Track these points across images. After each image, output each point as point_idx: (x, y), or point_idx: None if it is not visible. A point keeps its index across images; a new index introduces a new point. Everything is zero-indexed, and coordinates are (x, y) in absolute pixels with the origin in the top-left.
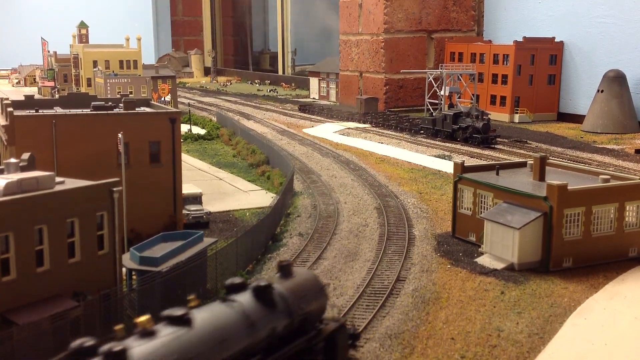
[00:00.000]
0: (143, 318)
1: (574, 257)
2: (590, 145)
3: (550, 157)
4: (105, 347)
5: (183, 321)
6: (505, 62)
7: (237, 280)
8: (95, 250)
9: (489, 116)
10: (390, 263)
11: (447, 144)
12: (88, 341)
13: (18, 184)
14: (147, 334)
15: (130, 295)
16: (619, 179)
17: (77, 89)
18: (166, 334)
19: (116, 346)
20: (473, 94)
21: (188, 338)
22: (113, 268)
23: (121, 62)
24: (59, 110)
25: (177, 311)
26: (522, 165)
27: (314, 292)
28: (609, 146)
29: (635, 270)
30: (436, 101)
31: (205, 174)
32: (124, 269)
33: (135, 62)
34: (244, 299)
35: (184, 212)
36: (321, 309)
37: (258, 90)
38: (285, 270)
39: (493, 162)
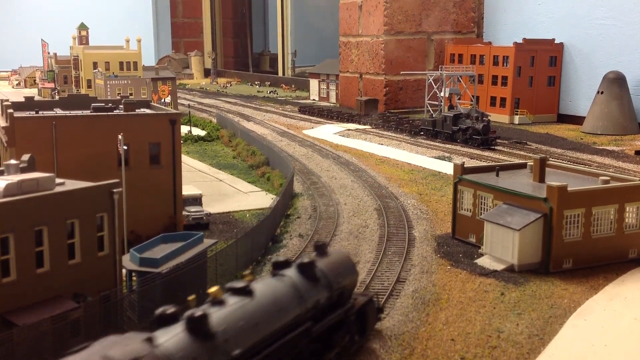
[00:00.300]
0: (214, 288)
1: (574, 259)
2: (590, 147)
3: (550, 159)
4: (187, 313)
5: (246, 292)
6: (505, 64)
7: (281, 258)
8: (95, 251)
9: (489, 118)
10: (390, 264)
11: (447, 146)
12: (170, 308)
13: (18, 185)
14: (218, 302)
15: (130, 296)
16: (619, 180)
17: (77, 90)
18: (233, 302)
19: (197, 312)
20: (473, 96)
21: (251, 306)
22: (113, 269)
23: (121, 63)
24: (59, 111)
25: (240, 283)
26: (522, 166)
27: (348, 269)
28: (608, 147)
29: (635, 271)
30: (436, 103)
31: (205, 175)
32: (124, 270)
33: (135, 63)
34: (291, 274)
35: (184, 213)
36: (353, 284)
37: (258, 91)
38: (321, 249)
39: (493, 163)
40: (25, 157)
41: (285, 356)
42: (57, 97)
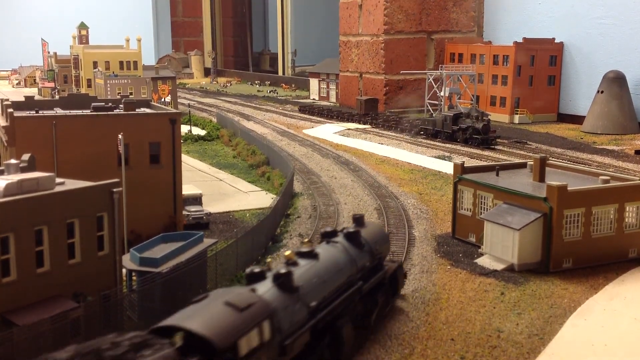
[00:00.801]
0: (289, 252)
1: (574, 258)
2: (590, 146)
3: (550, 158)
4: (273, 271)
5: (313, 255)
6: (505, 63)
7: (328, 228)
8: (95, 251)
9: (489, 117)
10: None
11: (447, 145)
12: (257, 268)
13: (18, 185)
14: (293, 263)
15: (131, 296)
16: (619, 179)
17: (77, 89)
18: (304, 264)
19: (282, 269)
20: (473, 95)
21: (318, 267)
22: (113, 269)
23: (121, 63)
24: (59, 111)
25: (306, 248)
26: (522, 166)
27: (383, 239)
28: (608, 147)
29: (635, 271)
30: (436, 102)
31: (205, 174)
32: (124, 270)
33: (135, 63)
34: (341, 240)
35: (184, 213)
36: (387, 252)
37: (258, 91)
38: (359, 221)
39: (493, 163)
40: (26, 156)
41: (344, 310)
42: (57, 97)
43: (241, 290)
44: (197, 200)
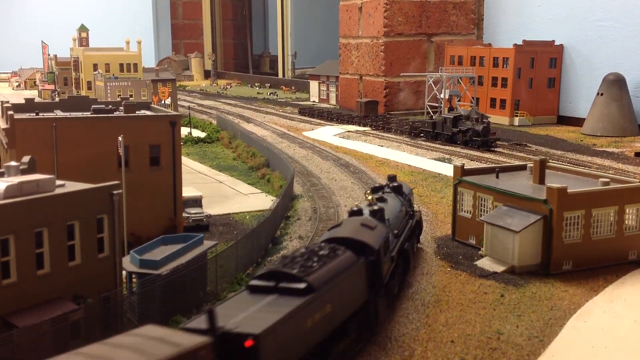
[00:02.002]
0: (371, 196)
1: (574, 260)
2: (590, 149)
3: (550, 160)
4: (368, 209)
5: (384, 200)
6: (505, 66)
7: (376, 185)
8: (96, 253)
9: (489, 119)
10: None
11: (447, 147)
12: (357, 206)
13: (18, 187)
14: (373, 205)
15: (131, 298)
16: (619, 182)
17: (78, 92)
18: (380, 206)
19: (375, 206)
20: (473, 97)
21: (389, 207)
22: (113, 271)
23: (121, 65)
24: (59, 113)
25: (378, 194)
26: (522, 168)
27: (411, 192)
28: (608, 149)
29: (635, 273)
30: (436, 104)
31: (205, 177)
32: (124, 272)
33: (135, 65)
34: (388, 191)
35: (184, 215)
36: (413, 203)
37: (258, 93)
38: (394, 178)
39: (493, 165)
40: (26, 158)
41: (406, 237)
42: (57, 99)
43: (364, 217)
44: (197, 202)
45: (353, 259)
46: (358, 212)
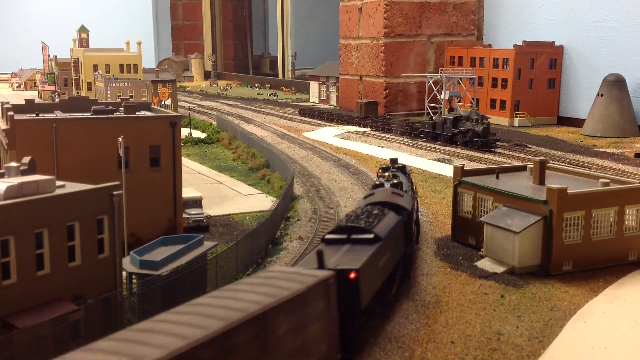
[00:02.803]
0: (387, 173)
1: (574, 261)
2: (590, 149)
3: (550, 161)
4: (387, 183)
5: (396, 177)
6: (505, 66)
7: (383, 166)
8: (96, 254)
9: (489, 120)
10: None
11: (447, 148)
12: (377, 181)
13: (19, 187)
14: (391, 180)
15: (131, 298)
16: (619, 182)
17: (78, 93)
18: (399, 179)
19: (395, 179)
20: (473, 98)
21: (403, 182)
22: (113, 272)
23: (121, 66)
24: (59, 114)
25: (388, 171)
26: (522, 169)
27: (410, 172)
28: (608, 150)
29: (635, 274)
30: (436, 105)
31: (205, 177)
32: (124, 273)
33: (135, 66)
34: (396, 172)
35: (184, 215)
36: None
37: (258, 94)
38: (395, 161)
39: (493, 165)
40: (26, 159)
41: (416, 209)
42: (57, 100)
43: (390, 188)
44: (197, 203)
45: (396, 217)
46: (381, 185)
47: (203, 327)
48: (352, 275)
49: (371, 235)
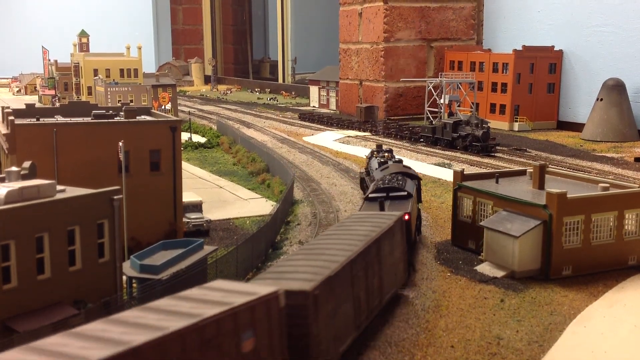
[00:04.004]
0: (386, 154)
1: (574, 265)
2: (590, 154)
3: (550, 166)
4: (391, 160)
5: (392, 157)
6: (504, 71)
7: (373, 150)
8: (96, 258)
9: (489, 124)
10: None
11: (447, 152)
12: (383, 160)
13: (19, 192)
14: (392, 159)
15: (131, 303)
16: (619, 187)
17: (78, 97)
18: (399, 158)
19: (396, 158)
20: (473, 103)
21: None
22: (113, 276)
23: (122, 70)
24: (59, 118)
25: (380, 153)
26: (522, 173)
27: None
28: (608, 154)
29: (634, 278)
30: (436, 109)
31: (205, 182)
32: (124, 277)
33: (135, 70)
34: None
35: (184, 220)
36: None
37: (258, 98)
38: (381, 146)
39: (493, 170)
40: (26, 164)
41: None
42: (57, 104)
43: (398, 164)
44: (197, 207)
45: (412, 182)
46: (385, 163)
47: (352, 246)
48: (407, 217)
49: (405, 193)
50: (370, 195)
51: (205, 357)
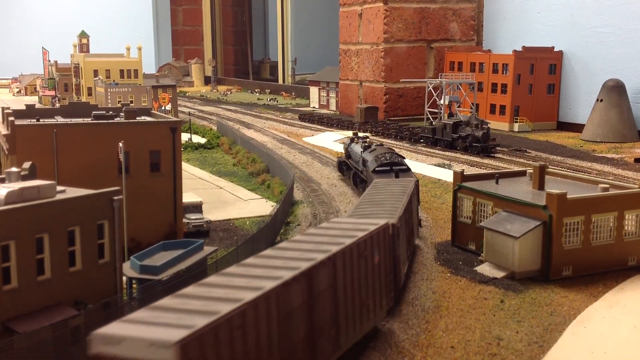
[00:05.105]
0: (368, 139)
1: (574, 266)
2: (590, 154)
3: (550, 166)
4: (375, 144)
5: (364, 145)
6: (504, 72)
7: (351, 137)
8: (96, 259)
9: (489, 125)
10: None
11: (447, 153)
12: (368, 144)
13: (19, 193)
14: (374, 143)
15: (131, 303)
16: (619, 187)
17: (78, 98)
18: (380, 142)
19: (377, 143)
20: (473, 103)
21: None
22: (113, 277)
23: (122, 71)
24: (59, 119)
25: (359, 139)
26: (522, 174)
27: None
28: (608, 155)
29: (634, 279)
30: (436, 110)
31: (205, 182)
32: (124, 278)
33: (135, 71)
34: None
35: (184, 220)
36: None
37: (258, 99)
38: (357, 133)
39: (493, 171)
40: (26, 164)
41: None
42: (57, 105)
43: (384, 147)
44: (197, 208)
45: (402, 159)
46: (369, 146)
47: (400, 198)
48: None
49: (406, 166)
50: (377, 169)
51: (360, 265)
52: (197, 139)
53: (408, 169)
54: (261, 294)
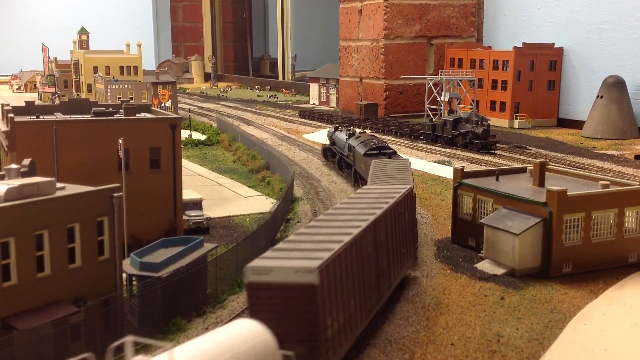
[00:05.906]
0: (351, 128)
1: (574, 263)
2: (590, 151)
3: (550, 163)
4: (358, 131)
5: (362, 131)
6: (504, 68)
7: (335, 126)
8: (96, 255)
9: (489, 122)
10: None
11: (447, 150)
12: (352, 132)
13: (19, 189)
14: (358, 132)
15: (131, 300)
16: (619, 184)
17: (78, 94)
18: (362, 130)
19: (361, 131)
20: (473, 100)
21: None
22: (113, 274)
23: (121, 68)
24: (59, 116)
25: (344, 128)
26: (522, 171)
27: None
28: (608, 152)
29: (634, 275)
30: (436, 107)
31: (205, 179)
32: (124, 275)
33: (135, 68)
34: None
35: (184, 217)
36: None
37: (258, 96)
38: (337, 128)
39: (493, 167)
40: (26, 161)
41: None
42: (57, 102)
43: (367, 135)
44: (197, 205)
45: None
46: (353, 134)
47: (404, 174)
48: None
49: (392, 150)
50: (368, 152)
51: (397, 222)
52: (197, 135)
53: (395, 152)
54: (352, 237)
